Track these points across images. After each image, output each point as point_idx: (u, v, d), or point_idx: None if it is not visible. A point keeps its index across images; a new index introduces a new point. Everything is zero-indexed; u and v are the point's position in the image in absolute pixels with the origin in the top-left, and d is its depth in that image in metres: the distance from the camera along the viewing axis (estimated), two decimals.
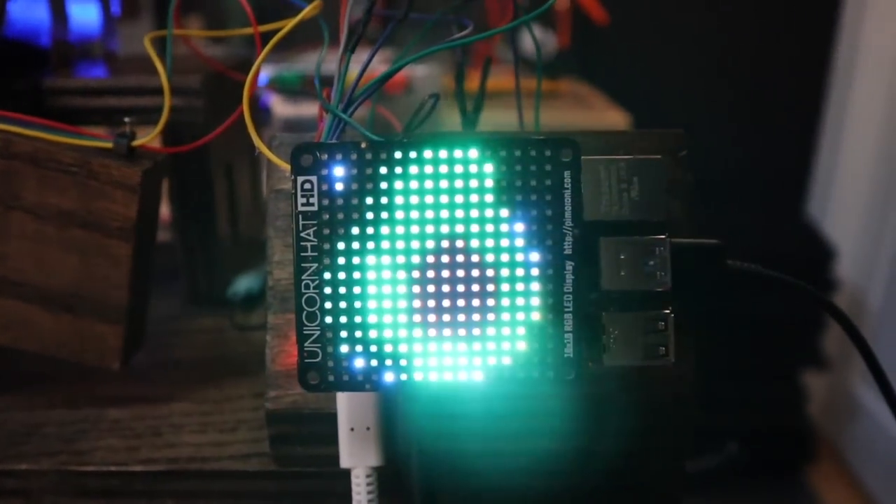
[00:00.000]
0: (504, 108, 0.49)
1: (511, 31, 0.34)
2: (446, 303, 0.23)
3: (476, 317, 0.23)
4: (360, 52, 0.26)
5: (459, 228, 0.23)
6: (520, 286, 0.23)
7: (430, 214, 0.23)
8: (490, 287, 0.23)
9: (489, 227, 0.23)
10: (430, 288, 0.23)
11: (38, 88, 0.35)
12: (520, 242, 0.23)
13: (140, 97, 0.35)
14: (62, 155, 0.28)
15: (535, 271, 0.23)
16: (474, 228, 0.23)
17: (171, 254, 0.40)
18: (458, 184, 0.23)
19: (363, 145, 0.23)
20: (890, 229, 1.15)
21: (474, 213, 0.23)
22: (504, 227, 0.23)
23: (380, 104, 0.36)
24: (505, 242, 0.23)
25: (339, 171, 0.23)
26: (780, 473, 1.20)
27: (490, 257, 0.23)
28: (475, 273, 0.23)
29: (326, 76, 0.27)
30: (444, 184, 0.23)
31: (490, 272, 0.23)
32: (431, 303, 0.23)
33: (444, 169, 0.23)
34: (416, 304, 0.23)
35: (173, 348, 0.37)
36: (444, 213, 0.23)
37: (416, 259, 0.23)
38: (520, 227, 0.23)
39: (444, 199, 0.23)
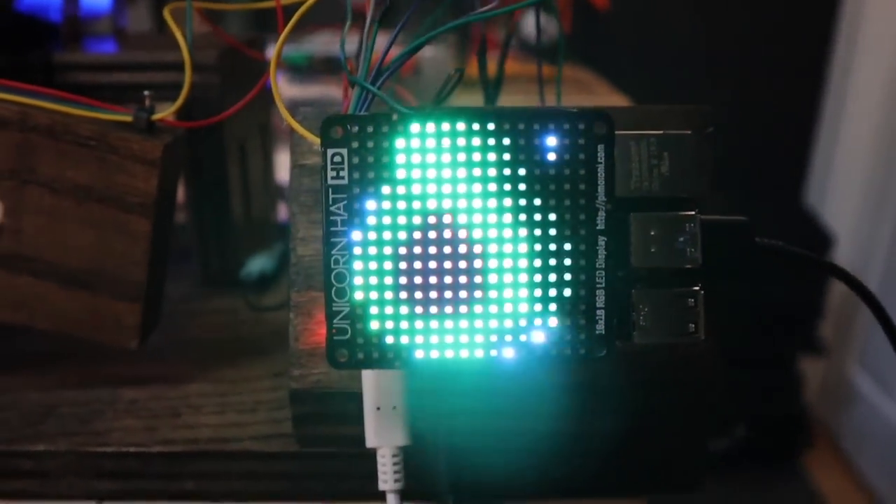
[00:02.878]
0: (510, 93, 0.49)
1: (533, 10, 0.33)
2: (477, 279, 0.23)
3: (508, 293, 0.23)
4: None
5: (491, 202, 0.23)
6: (552, 262, 0.23)
7: (462, 188, 0.23)
8: (522, 263, 0.23)
9: (522, 202, 0.23)
10: (463, 264, 0.23)
11: (49, 63, 0.34)
12: (553, 217, 0.23)
13: (152, 73, 0.35)
14: (80, 128, 0.27)
15: (567, 247, 0.23)
16: (507, 202, 0.23)
17: (184, 233, 0.39)
18: (491, 156, 0.23)
19: (394, 117, 0.22)
20: (888, 216, 1.15)
21: (507, 187, 0.23)
22: (537, 202, 0.23)
23: (396, 84, 0.35)
24: (538, 217, 0.23)
25: (370, 143, 0.22)
26: (776, 459, 1.21)
27: (522, 232, 0.23)
28: (507, 248, 0.23)
29: (334, 57, 0.26)
30: (476, 156, 0.23)
31: (522, 247, 0.23)
32: (463, 279, 0.23)
33: (477, 141, 0.22)
34: (448, 280, 0.23)
35: (188, 328, 0.37)
36: (477, 187, 0.23)
37: (448, 234, 0.23)
38: (553, 201, 0.23)
39: (476, 171, 0.23)
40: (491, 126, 0.22)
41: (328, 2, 0.29)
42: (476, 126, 0.22)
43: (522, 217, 0.23)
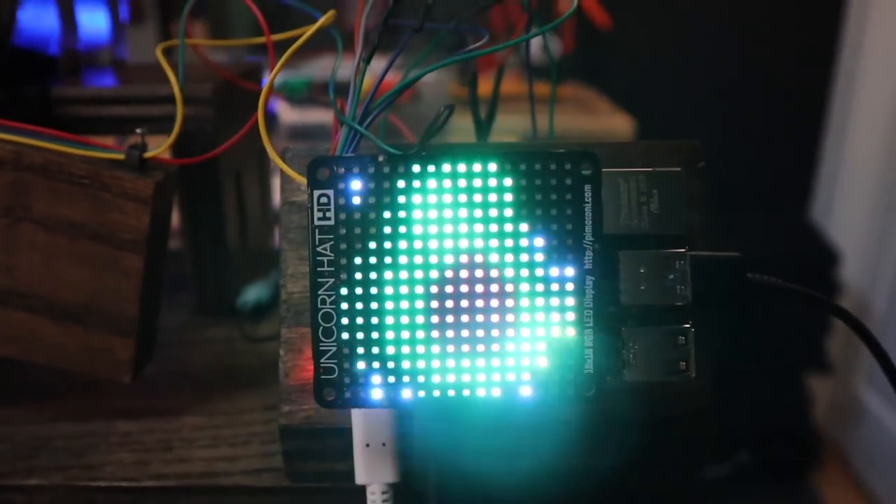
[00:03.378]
0: (508, 112, 0.49)
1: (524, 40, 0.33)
2: (465, 318, 0.23)
3: (495, 333, 0.23)
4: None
5: (478, 243, 0.23)
6: (539, 301, 0.23)
7: (448, 229, 0.23)
8: (509, 303, 0.23)
9: (508, 242, 0.23)
10: (449, 304, 0.23)
11: (47, 97, 0.34)
12: (539, 257, 0.23)
13: (150, 106, 0.35)
14: (74, 167, 0.28)
15: (554, 286, 0.23)
16: (493, 243, 0.23)
17: (180, 262, 0.40)
18: (477, 198, 0.23)
19: (381, 159, 0.23)
20: (894, 232, 1.14)
21: (493, 228, 0.23)
22: (523, 242, 0.23)
23: (389, 112, 0.36)
24: (524, 257, 0.23)
25: (356, 184, 0.23)
26: (785, 476, 1.20)
27: (509, 272, 0.23)
28: (494, 288, 0.23)
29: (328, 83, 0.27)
30: (462, 198, 0.23)
31: (509, 287, 0.23)
32: (450, 318, 0.23)
33: (462, 183, 0.23)
34: (435, 319, 0.23)
35: (183, 359, 0.37)
36: (463, 228, 0.23)
37: (434, 274, 0.23)
38: (539, 241, 0.23)
39: (462, 213, 0.23)
40: (477, 167, 0.23)
41: (326, 27, 0.29)
42: (462, 167, 0.23)
43: (508, 257, 0.23)
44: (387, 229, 0.23)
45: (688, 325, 0.24)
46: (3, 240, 0.29)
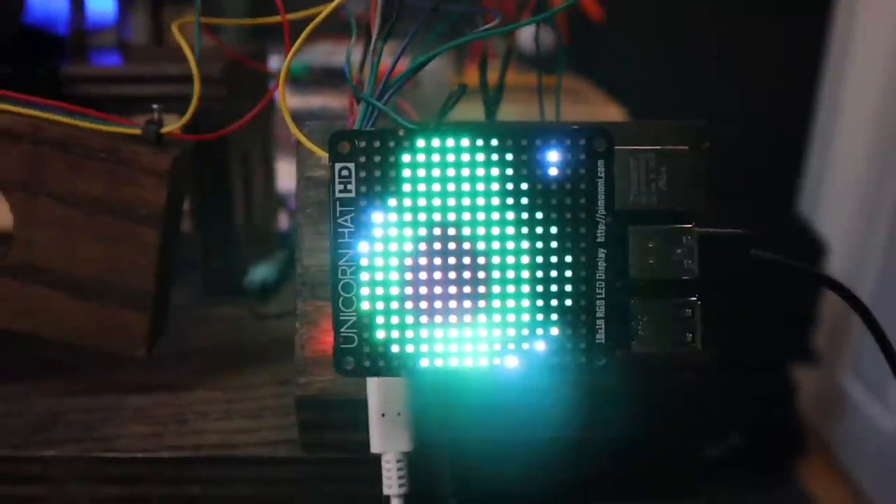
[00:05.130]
0: (507, 102, 0.49)
1: (534, 24, 0.34)
2: (481, 289, 0.24)
3: (510, 303, 0.24)
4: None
5: (495, 216, 0.23)
6: (554, 273, 0.24)
7: (465, 202, 0.23)
8: (525, 274, 0.24)
9: (524, 215, 0.23)
10: (466, 274, 0.23)
11: (55, 76, 0.35)
12: (554, 230, 0.23)
13: (158, 85, 0.35)
14: (91, 141, 0.28)
15: (568, 258, 0.24)
16: (509, 216, 0.23)
17: (188, 242, 0.40)
18: (494, 171, 0.23)
19: (400, 133, 0.23)
20: (881, 225, 1.16)
21: (510, 201, 0.23)
22: (538, 215, 0.23)
23: (397, 97, 0.36)
24: (539, 230, 0.23)
25: (376, 158, 0.23)
26: (770, 467, 1.21)
27: (525, 244, 0.23)
28: (510, 259, 0.23)
29: (333, 67, 0.27)
30: (480, 171, 0.23)
31: (525, 259, 0.23)
32: (467, 289, 0.23)
33: (480, 157, 0.23)
34: (452, 290, 0.23)
35: (193, 336, 0.37)
36: (480, 201, 0.23)
37: (452, 246, 0.23)
38: (554, 215, 0.23)
39: (480, 186, 0.23)
40: (494, 142, 0.23)
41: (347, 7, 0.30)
42: (480, 142, 0.23)
43: (525, 230, 0.23)
44: (406, 202, 0.23)
45: (694, 299, 0.25)
46: (20, 214, 0.29)
